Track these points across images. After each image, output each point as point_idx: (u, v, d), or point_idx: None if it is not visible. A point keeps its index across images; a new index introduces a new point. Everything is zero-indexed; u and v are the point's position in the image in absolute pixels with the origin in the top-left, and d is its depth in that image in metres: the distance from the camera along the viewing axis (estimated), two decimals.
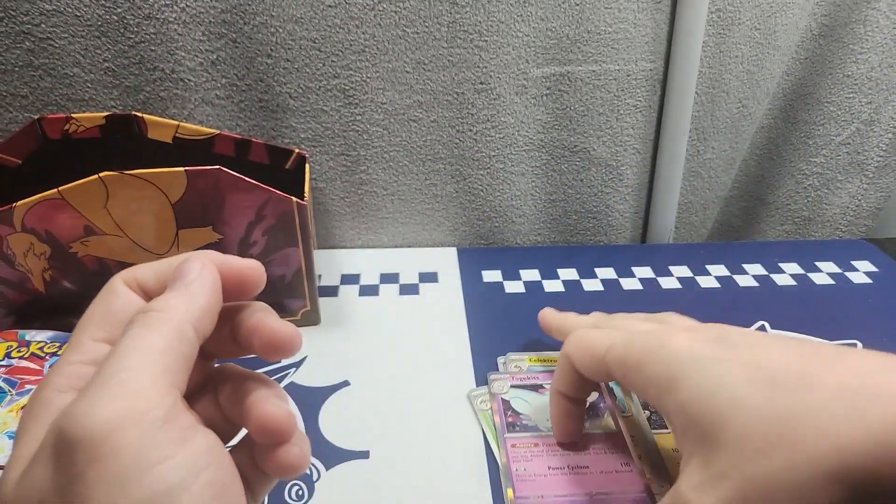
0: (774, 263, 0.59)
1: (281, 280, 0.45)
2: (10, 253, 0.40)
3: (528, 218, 0.62)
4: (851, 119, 0.61)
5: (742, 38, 0.56)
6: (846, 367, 0.23)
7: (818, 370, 0.23)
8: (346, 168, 0.57)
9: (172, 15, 0.47)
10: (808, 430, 0.22)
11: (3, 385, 0.38)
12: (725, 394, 0.24)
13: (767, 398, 0.23)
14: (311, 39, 0.50)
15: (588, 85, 0.56)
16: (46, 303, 0.43)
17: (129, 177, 0.39)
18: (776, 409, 0.23)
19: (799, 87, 0.61)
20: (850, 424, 0.21)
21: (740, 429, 0.23)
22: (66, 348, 0.21)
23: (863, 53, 0.58)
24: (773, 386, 0.23)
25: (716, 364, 0.25)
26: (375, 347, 0.47)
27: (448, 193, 0.59)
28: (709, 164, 0.63)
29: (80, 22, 0.47)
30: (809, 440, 0.21)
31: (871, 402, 0.21)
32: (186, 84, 0.50)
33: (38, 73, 0.48)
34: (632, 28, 0.53)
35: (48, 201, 0.39)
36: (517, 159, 0.58)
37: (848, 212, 0.67)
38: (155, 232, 0.41)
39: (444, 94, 0.54)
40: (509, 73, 0.54)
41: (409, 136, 0.56)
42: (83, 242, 0.41)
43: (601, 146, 0.59)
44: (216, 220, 0.42)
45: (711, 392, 0.25)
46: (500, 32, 0.52)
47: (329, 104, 0.53)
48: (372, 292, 0.54)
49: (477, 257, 0.59)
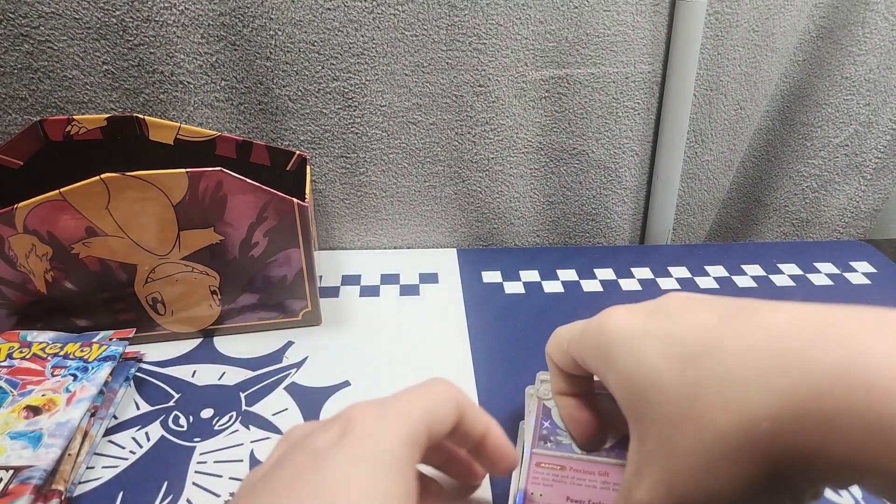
0: (773, 264, 0.59)
1: (282, 281, 0.46)
2: (11, 254, 0.40)
3: (526, 220, 0.63)
4: (849, 121, 0.61)
5: (740, 41, 0.56)
6: (757, 325, 0.21)
7: (729, 332, 0.21)
8: (345, 170, 0.57)
9: (171, 18, 0.47)
10: (713, 401, 0.20)
11: (5, 386, 0.38)
12: (646, 371, 0.23)
13: (680, 370, 0.22)
14: (310, 42, 0.50)
15: (587, 87, 0.56)
16: (48, 304, 0.43)
17: (131, 178, 0.39)
18: (686, 381, 0.21)
19: (797, 89, 0.61)
20: (752, 391, 0.19)
21: (658, 407, 0.22)
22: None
23: (861, 56, 0.58)
24: (684, 357, 0.22)
25: (640, 340, 0.24)
26: (376, 348, 0.47)
27: (447, 195, 0.60)
28: (707, 166, 0.63)
29: (79, 24, 0.47)
30: (715, 412, 0.20)
31: (777, 362, 0.19)
32: (186, 87, 0.50)
33: (38, 75, 0.48)
34: (630, 31, 0.54)
35: (50, 203, 0.39)
36: (516, 161, 0.59)
37: (846, 213, 0.67)
38: (156, 233, 0.42)
39: (443, 97, 0.54)
40: (508, 76, 0.54)
41: (409, 138, 0.56)
42: (85, 244, 0.41)
43: (600, 148, 0.59)
44: (218, 221, 0.42)
45: (634, 370, 0.23)
46: (498, 35, 0.52)
47: (328, 107, 0.53)
48: (372, 293, 0.54)
49: (477, 258, 0.60)
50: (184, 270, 0.44)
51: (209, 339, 0.47)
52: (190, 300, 0.45)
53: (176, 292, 0.44)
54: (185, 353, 0.46)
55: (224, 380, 0.43)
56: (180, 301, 0.45)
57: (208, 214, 0.42)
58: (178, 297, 0.45)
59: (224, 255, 0.43)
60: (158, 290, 0.44)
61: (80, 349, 0.41)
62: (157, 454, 0.37)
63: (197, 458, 0.37)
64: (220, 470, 0.36)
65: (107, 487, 0.35)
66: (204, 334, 0.47)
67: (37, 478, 0.32)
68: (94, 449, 0.37)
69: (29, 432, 0.35)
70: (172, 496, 0.35)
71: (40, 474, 0.32)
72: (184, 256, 0.43)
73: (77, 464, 0.35)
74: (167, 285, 0.44)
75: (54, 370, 0.39)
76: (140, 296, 0.44)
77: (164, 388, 0.42)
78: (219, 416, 0.40)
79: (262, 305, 0.46)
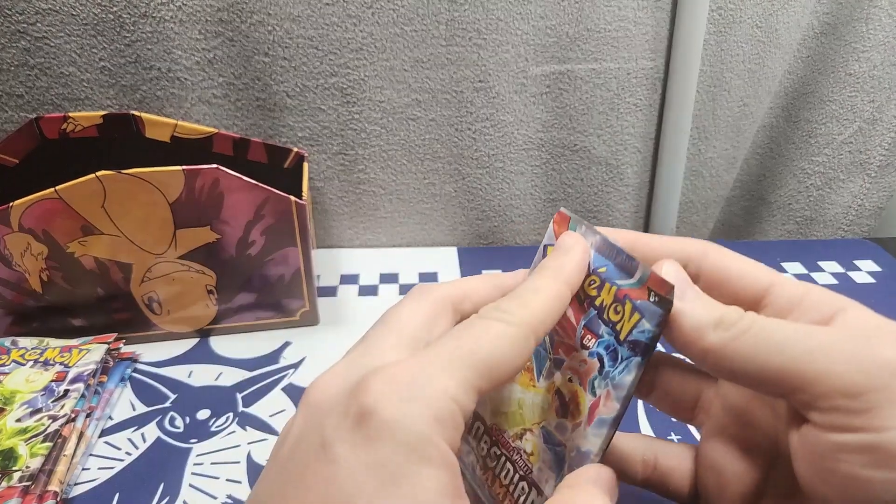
0: (777, 263, 0.58)
1: (280, 280, 0.45)
2: (7, 253, 0.40)
3: (527, 217, 0.62)
4: (854, 118, 0.61)
5: (743, 37, 0.55)
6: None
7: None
8: (344, 167, 0.56)
9: (169, 13, 0.47)
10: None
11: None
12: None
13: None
14: (308, 37, 0.50)
15: (588, 83, 0.55)
16: (43, 303, 0.42)
17: (127, 176, 0.39)
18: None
19: (801, 85, 0.61)
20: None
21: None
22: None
23: (865, 52, 0.57)
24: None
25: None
26: None
27: (447, 192, 0.59)
28: (710, 163, 0.62)
29: (76, 21, 0.46)
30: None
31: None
32: (183, 83, 0.50)
33: (34, 72, 0.48)
34: (632, 26, 0.53)
35: (45, 201, 0.39)
36: (516, 158, 0.58)
37: (850, 211, 0.66)
38: (152, 231, 0.41)
39: (443, 93, 0.54)
40: (508, 72, 0.53)
41: (408, 134, 0.55)
42: (81, 242, 0.41)
43: (601, 145, 0.59)
44: (214, 219, 0.42)
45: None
46: (499, 30, 0.51)
47: (327, 103, 0.53)
48: (371, 292, 0.53)
49: (477, 257, 0.59)
50: (180, 269, 0.43)
51: (206, 339, 0.47)
52: (186, 299, 0.45)
53: (172, 291, 0.44)
54: (181, 354, 0.45)
55: (221, 380, 0.43)
56: (176, 300, 0.44)
57: (205, 213, 0.41)
58: (174, 296, 0.44)
59: (221, 253, 0.43)
60: (154, 289, 0.44)
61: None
62: (153, 455, 0.37)
63: (193, 460, 0.37)
64: (217, 472, 0.36)
65: (102, 489, 0.35)
66: (200, 334, 0.47)
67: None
68: (89, 450, 0.37)
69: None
70: (169, 498, 0.34)
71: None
72: (180, 255, 0.42)
73: (73, 465, 0.35)
74: (163, 284, 0.43)
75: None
76: (136, 295, 0.44)
77: (160, 388, 0.42)
78: (215, 418, 0.40)
79: (259, 305, 0.46)
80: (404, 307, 0.24)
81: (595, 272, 0.24)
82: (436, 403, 0.18)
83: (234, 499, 0.34)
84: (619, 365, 0.22)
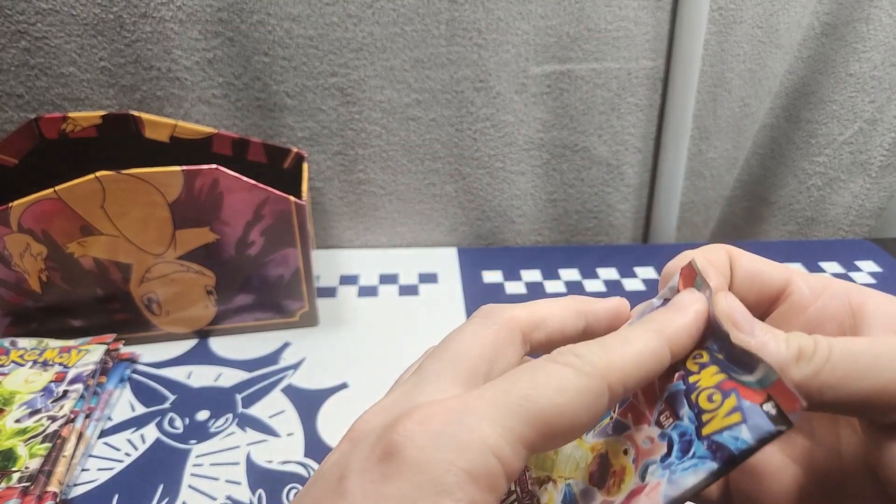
0: None
1: (279, 280, 0.45)
2: (6, 253, 0.40)
3: (528, 217, 0.62)
4: (854, 118, 0.61)
5: (744, 37, 0.55)
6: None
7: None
8: (343, 167, 0.56)
9: (168, 13, 0.47)
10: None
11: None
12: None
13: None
14: (308, 37, 0.50)
15: (588, 83, 0.55)
16: (43, 304, 0.42)
17: (126, 176, 0.39)
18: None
19: (801, 85, 0.60)
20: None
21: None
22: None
23: (866, 52, 0.57)
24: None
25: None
26: (374, 349, 0.46)
27: (447, 193, 0.59)
28: (711, 164, 0.62)
29: (76, 21, 0.46)
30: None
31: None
32: (183, 83, 0.50)
33: (34, 72, 0.48)
34: (633, 26, 0.53)
35: (45, 201, 0.38)
36: (517, 158, 0.58)
37: (851, 211, 0.66)
38: (152, 232, 0.41)
39: (443, 93, 0.54)
40: (509, 72, 0.53)
41: (408, 134, 0.55)
42: (80, 243, 0.41)
43: (602, 145, 0.59)
44: (214, 219, 0.41)
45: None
46: (499, 30, 0.51)
47: (327, 103, 0.53)
48: (371, 293, 0.53)
49: (477, 257, 0.59)
50: (179, 270, 0.43)
51: (205, 339, 0.47)
52: (185, 300, 0.44)
53: (171, 292, 0.44)
54: (180, 355, 0.45)
55: (220, 381, 0.43)
56: (176, 301, 0.44)
57: (204, 213, 0.41)
58: (173, 296, 0.44)
59: (220, 254, 0.43)
60: (153, 289, 0.44)
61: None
62: (152, 456, 0.37)
63: (193, 461, 0.37)
64: (217, 473, 0.36)
65: (102, 490, 0.35)
66: (200, 335, 0.47)
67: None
68: (89, 451, 0.37)
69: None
70: (168, 499, 0.34)
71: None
72: (179, 256, 0.42)
73: (72, 465, 0.35)
74: (162, 285, 0.43)
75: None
76: (135, 296, 0.44)
77: (159, 389, 0.42)
78: (215, 419, 0.40)
79: (258, 306, 0.46)
80: (466, 333, 0.21)
81: (706, 347, 0.20)
82: (468, 454, 0.16)
83: (234, 500, 0.34)
84: (687, 461, 0.18)
